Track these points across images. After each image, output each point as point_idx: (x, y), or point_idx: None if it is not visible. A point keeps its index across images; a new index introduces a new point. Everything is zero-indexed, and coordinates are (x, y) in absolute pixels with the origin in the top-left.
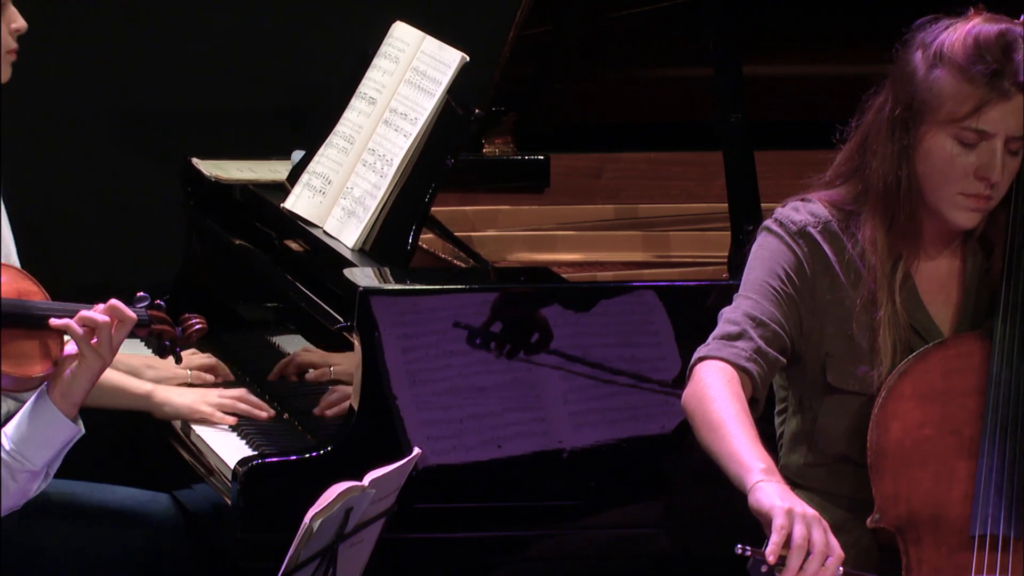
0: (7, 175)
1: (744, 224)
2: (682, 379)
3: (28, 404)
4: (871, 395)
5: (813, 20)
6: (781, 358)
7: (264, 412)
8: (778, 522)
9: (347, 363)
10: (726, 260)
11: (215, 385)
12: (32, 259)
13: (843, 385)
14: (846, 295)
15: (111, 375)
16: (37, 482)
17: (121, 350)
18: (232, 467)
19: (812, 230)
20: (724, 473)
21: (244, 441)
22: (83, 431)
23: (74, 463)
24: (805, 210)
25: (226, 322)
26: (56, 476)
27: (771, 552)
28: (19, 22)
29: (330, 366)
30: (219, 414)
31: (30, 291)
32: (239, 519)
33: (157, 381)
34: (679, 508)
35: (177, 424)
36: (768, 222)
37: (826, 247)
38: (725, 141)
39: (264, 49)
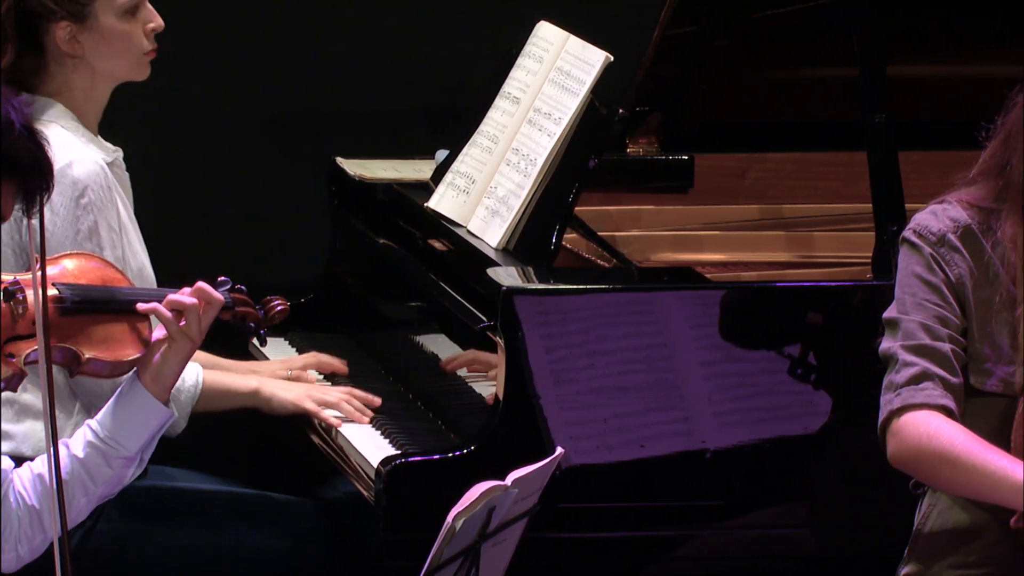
0: (153, 176)
1: (888, 224)
2: (826, 379)
3: (119, 391)
4: (1014, 396)
5: (958, 19)
6: (961, 379)
7: (366, 416)
8: None
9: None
10: (870, 260)
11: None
12: (177, 259)
13: (986, 387)
14: (987, 296)
15: (217, 377)
16: (132, 468)
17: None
18: (375, 466)
19: (952, 236)
20: (1011, 504)
21: (387, 440)
22: (176, 415)
23: (218, 466)
24: (944, 215)
25: (370, 321)
26: (200, 480)
27: None
28: (156, 21)
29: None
30: (324, 412)
31: (115, 278)
32: (382, 518)
33: None
34: (824, 508)
35: (319, 422)
36: (907, 233)
37: (966, 251)
38: (869, 141)
39: (409, 49)
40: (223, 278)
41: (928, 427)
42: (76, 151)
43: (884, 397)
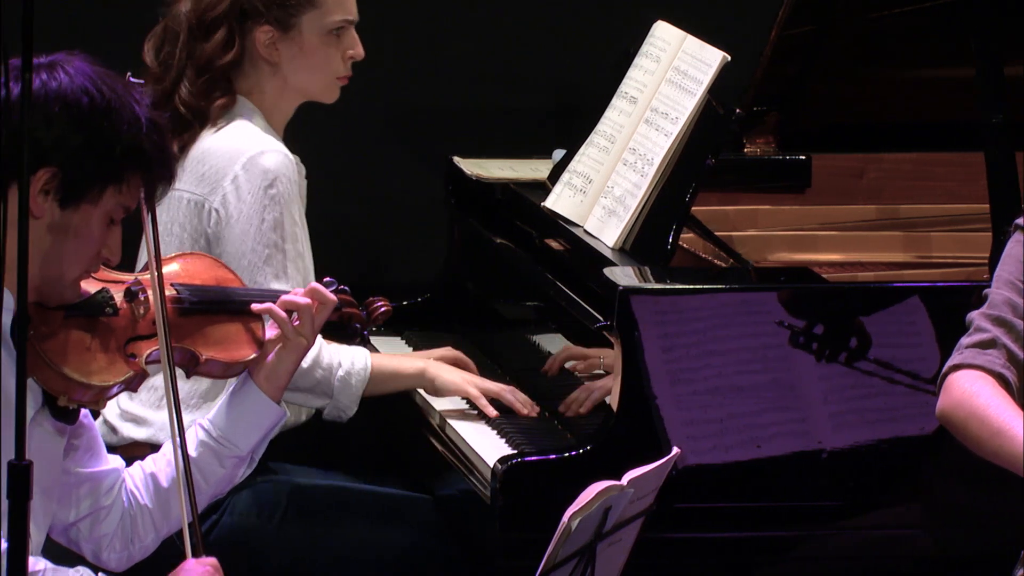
0: None
1: (1005, 225)
2: None
3: (231, 390)
4: None
5: None
6: None
7: (527, 410)
8: None
9: (611, 358)
10: (987, 261)
11: None
12: None
13: None
14: None
15: (384, 361)
16: (243, 467)
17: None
18: (491, 465)
19: None
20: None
21: (503, 439)
22: (288, 414)
23: (337, 462)
24: None
25: (487, 320)
26: (318, 476)
27: None
28: (356, 49)
29: (600, 357)
30: (484, 400)
31: (227, 278)
32: (498, 518)
33: None
34: (940, 509)
35: (434, 420)
36: (1020, 219)
37: None
38: (987, 142)
39: (526, 49)
40: (329, 279)
41: (973, 385)
42: (268, 142)
43: (951, 356)
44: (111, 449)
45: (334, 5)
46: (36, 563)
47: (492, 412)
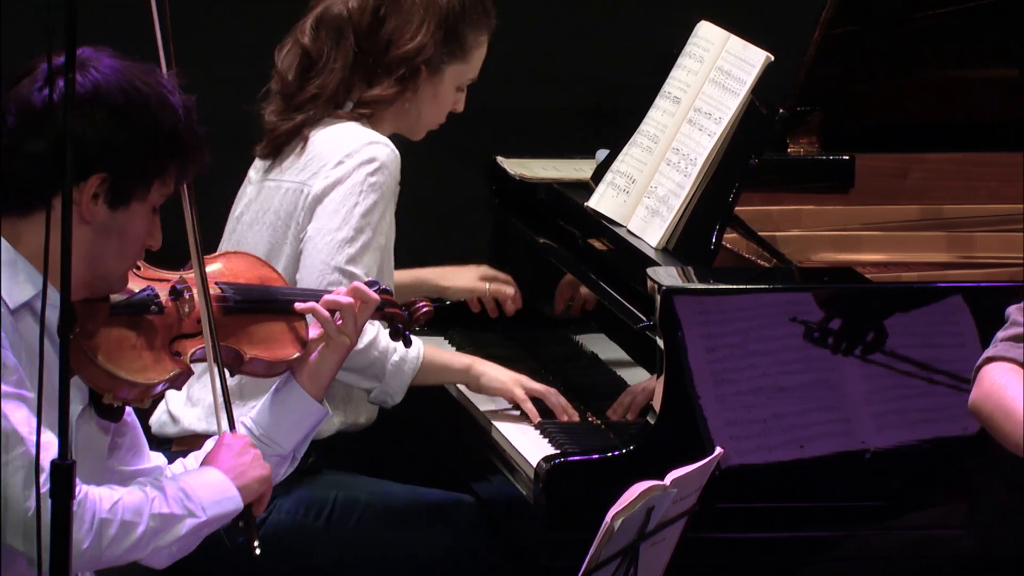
0: None
1: None
2: None
3: (274, 389)
4: None
5: None
6: None
7: (569, 416)
8: None
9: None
10: None
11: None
12: None
13: None
14: None
15: (435, 353)
16: (285, 465)
17: None
18: (535, 465)
19: None
20: None
21: (546, 439)
22: (330, 412)
23: (381, 463)
24: None
25: (530, 320)
26: (362, 477)
27: None
28: (460, 106)
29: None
30: (529, 404)
31: (271, 278)
32: (541, 517)
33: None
34: (984, 509)
35: (478, 420)
36: None
37: None
38: None
39: (569, 48)
40: (371, 279)
41: (1002, 378)
42: (378, 136)
43: (987, 349)
44: (165, 440)
45: (475, 65)
46: (114, 492)
47: (536, 417)
